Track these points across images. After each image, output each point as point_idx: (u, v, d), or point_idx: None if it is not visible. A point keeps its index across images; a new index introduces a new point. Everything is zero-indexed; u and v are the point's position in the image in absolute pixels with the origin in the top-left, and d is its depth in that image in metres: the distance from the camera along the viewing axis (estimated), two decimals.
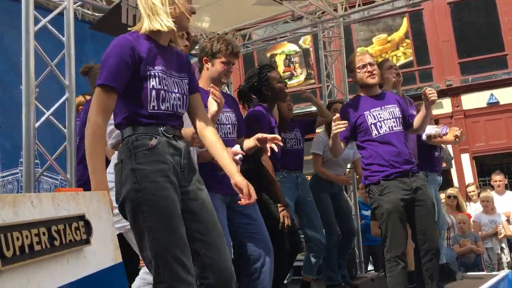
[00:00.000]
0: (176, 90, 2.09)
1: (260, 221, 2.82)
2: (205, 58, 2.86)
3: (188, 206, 2.04)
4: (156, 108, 2.02)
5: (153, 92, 2.01)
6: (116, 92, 1.96)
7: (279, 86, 3.57)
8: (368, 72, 3.48)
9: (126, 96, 2.01)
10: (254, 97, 3.67)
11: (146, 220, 1.92)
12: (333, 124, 3.16)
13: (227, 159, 2.17)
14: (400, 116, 3.48)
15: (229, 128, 2.86)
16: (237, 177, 2.11)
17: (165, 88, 2.05)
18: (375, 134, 3.39)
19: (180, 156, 2.06)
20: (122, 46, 1.98)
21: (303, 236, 4.39)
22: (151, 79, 2.01)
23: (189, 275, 1.93)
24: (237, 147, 2.56)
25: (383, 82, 3.91)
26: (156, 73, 2.03)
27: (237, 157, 2.49)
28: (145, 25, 2.06)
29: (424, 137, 4.09)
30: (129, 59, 1.97)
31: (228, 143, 2.79)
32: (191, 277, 1.94)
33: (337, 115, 3.19)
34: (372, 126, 3.41)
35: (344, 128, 3.16)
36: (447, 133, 4.08)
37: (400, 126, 3.47)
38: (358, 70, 3.51)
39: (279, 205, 3.28)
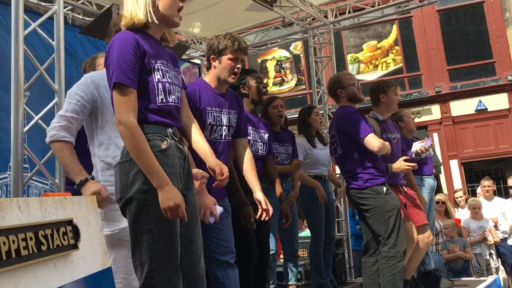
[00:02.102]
0: (176, 83, 2.11)
1: (229, 228, 2.80)
2: (212, 56, 2.81)
3: None
4: (164, 101, 2.02)
5: (160, 85, 2.00)
6: (133, 87, 1.92)
7: (257, 86, 3.49)
8: (359, 89, 3.71)
9: None
10: None
11: (149, 222, 1.89)
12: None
13: (205, 147, 2.23)
14: None
15: (226, 130, 2.81)
16: (210, 159, 2.21)
17: (169, 80, 2.05)
18: None
19: (184, 160, 2.08)
20: (128, 40, 1.94)
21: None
22: (155, 73, 2.00)
23: (179, 279, 1.93)
24: (219, 210, 2.49)
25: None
26: (159, 66, 2.02)
27: (211, 220, 2.47)
28: (138, 16, 2.00)
29: (413, 155, 4.12)
30: (136, 53, 1.94)
31: (223, 145, 2.80)
32: (180, 282, 1.94)
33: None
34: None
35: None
36: (432, 145, 4.11)
37: None
38: (352, 86, 3.68)
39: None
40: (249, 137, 3.37)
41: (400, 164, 3.67)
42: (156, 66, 2.01)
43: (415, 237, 3.74)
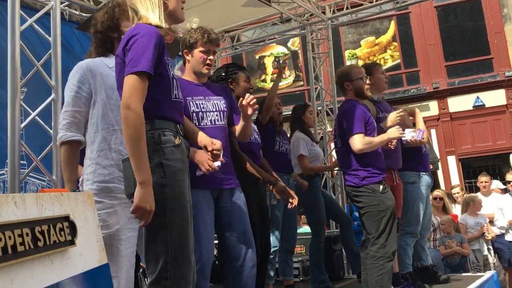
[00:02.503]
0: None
1: (243, 219, 2.79)
2: (185, 50, 2.84)
3: None
4: (177, 96, 2.06)
5: (174, 81, 2.06)
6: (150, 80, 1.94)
7: (245, 86, 3.51)
8: (367, 84, 3.70)
9: (149, 85, 1.95)
10: None
11: (166, 216, 1.89)
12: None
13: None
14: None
15: (216, 115, 2.81)
16: (200, 136, 2.38)
17: (176, 77, 2.10)
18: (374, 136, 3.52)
19: (187, 156, 2.11)
20: (156, 34, 1.97)
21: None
22: (169, 69, 2.05)
23: (191, 272, 1.95)
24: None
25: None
26: (169, 63, 2.07)
27: (217, 164, 2.45)
28: (155, 19, 2.03)
29: (402, 142, 4.09)
30: (159, 48, 1.97)
31: (216, 130, 2.77)
32: (191, 275, 1.96)
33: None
34: (375, 130, 3.56)
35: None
36: (423, 138, 4.04)
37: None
38: (360, 81, 3.64)
39: (270, 186, 3.19)
40: None
41: (395, 130, 3.51)
42: (169, 63, 2.06)
43: None
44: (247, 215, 2.81)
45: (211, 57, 2.81)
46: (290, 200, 3.40)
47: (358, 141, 3.42)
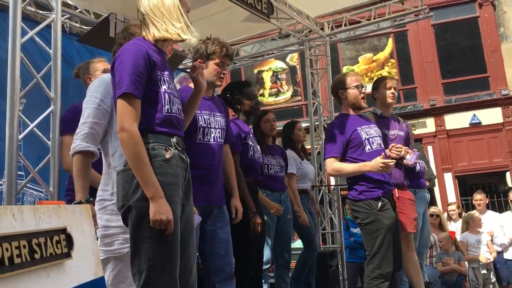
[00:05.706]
0: (176, 95, 2.16)
1: (226, 238, 2.79)
2: (200, 60, 2.84)
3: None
4: (169, 111, 2.07)
5: (166, 95, 2.06)
6: (139, 98, 1.98)
7: (251, 105, 3.57)
8: (362, 93, 3.59)
9: (142, 101, 2.01)
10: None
11: (149, 230, 1.89)
12: (380, 164, 3.22)
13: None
14: (381, 135, 3.65)
15: (219, 132, 2.84)
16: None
17: (172, 92, 2.11)
18: (368, 149, 3.44)
19: (186, 170, 2.10)
20: (139, 52, 2.01)
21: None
22: (162, 84, 2.06)
23: None
24: (197, 220, 2.52)
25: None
26: (165, 78, 2.09)
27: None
28: (155, 33, 2.10)
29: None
30: (146, 64, 2.00)
31: (217, 147, 2.81)
32: None
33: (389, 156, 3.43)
34: (366, 141, 3.46)
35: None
36: (415, 162, 3.93)
37: (383, 145, 3.58)
38: (355, 89, 3.58)
39: (251, 213, 3.20)
40: (251, 144, 3.50)
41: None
42: (163, 78, 2.08)
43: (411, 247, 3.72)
44: (229, 235, 2.81)
45: (224, 71, 2.89)
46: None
47: (328, 166, 3.49)
